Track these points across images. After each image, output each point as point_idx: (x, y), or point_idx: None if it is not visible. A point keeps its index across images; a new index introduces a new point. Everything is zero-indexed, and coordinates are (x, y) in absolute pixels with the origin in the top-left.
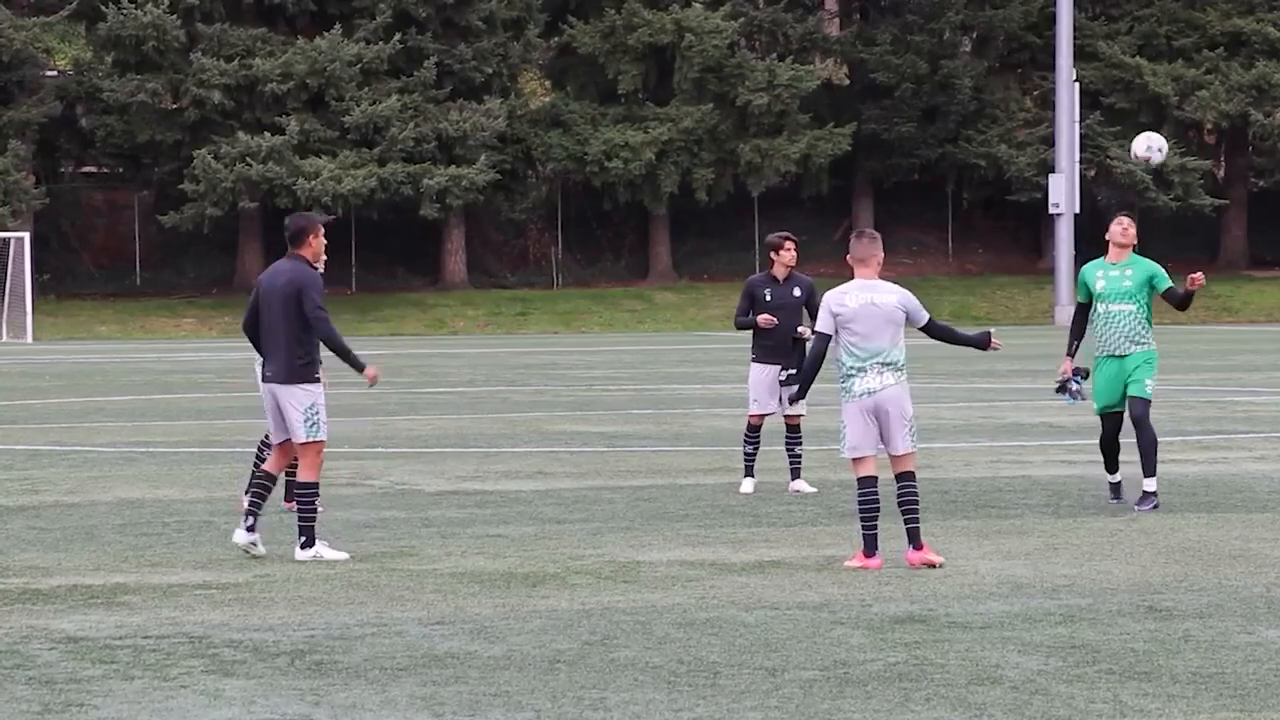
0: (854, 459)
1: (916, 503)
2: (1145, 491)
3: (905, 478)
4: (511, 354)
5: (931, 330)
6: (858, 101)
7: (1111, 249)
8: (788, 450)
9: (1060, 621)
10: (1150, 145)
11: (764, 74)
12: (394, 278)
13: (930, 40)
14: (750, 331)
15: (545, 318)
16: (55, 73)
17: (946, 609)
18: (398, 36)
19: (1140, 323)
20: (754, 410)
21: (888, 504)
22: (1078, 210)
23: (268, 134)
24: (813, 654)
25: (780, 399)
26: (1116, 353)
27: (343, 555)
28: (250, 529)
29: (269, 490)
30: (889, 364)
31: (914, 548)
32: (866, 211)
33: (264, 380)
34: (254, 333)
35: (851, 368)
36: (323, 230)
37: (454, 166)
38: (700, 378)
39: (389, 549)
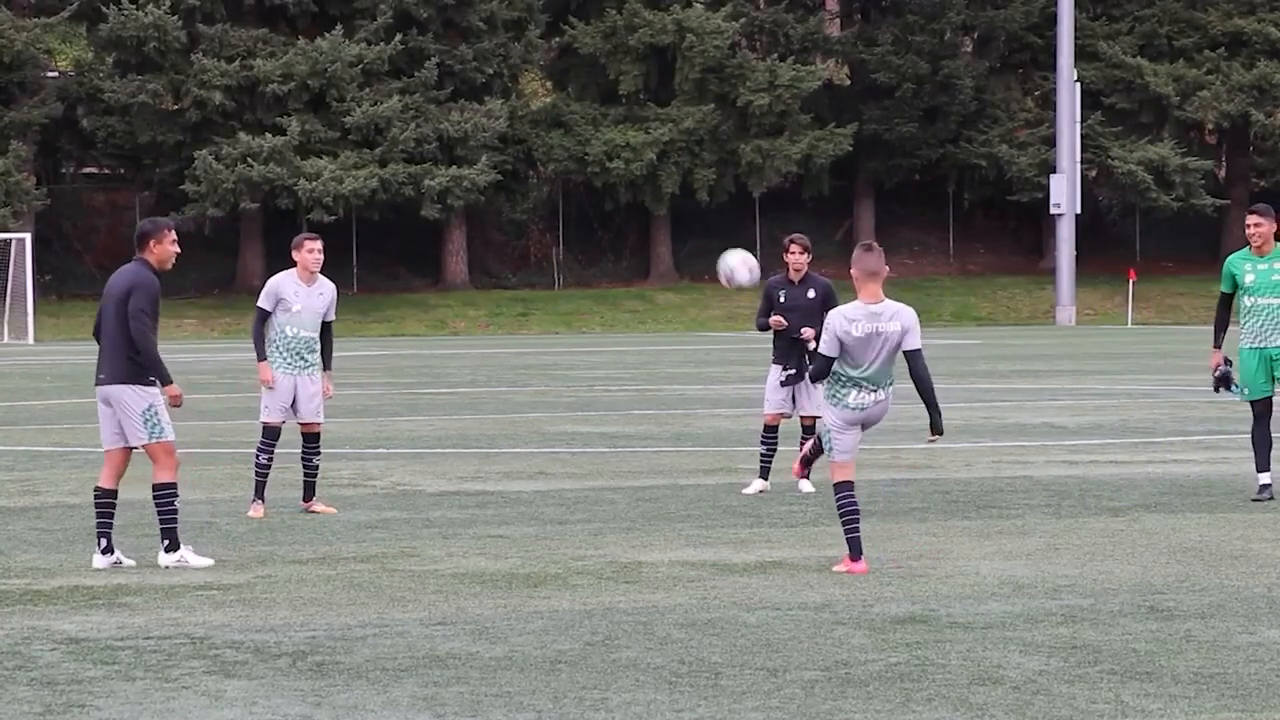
0: (838, 464)
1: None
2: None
3: (847, 486)
4: (513, 354)
5: (914, 363)
6: (859, 102)
7: (1252, 245)
8: (800, 444)
9: (1062, 622)
10: (741, 269)
11: (765, 74)
12: (395, 278)
13: (931, 40)
14: (772, 333)
15: (546, 318)
16: (56, 74)
17: (948, 609)
18: (399, 37)
19: None
20: (767, 410)
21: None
22: (1079, 210)
23: (269, 135)
24: (814, 654)
25: (794, 401)
26: (1261, 344)
27: (208, 561)
28: (107, 551)
29: (113, 508)
30: (884, 382)
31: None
32: (868, 212)
33: (96, 384)
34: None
35: (848, 380)
36: (171, 235)
37: (455, 167)
38: (701, 378)
39: (390, 550)
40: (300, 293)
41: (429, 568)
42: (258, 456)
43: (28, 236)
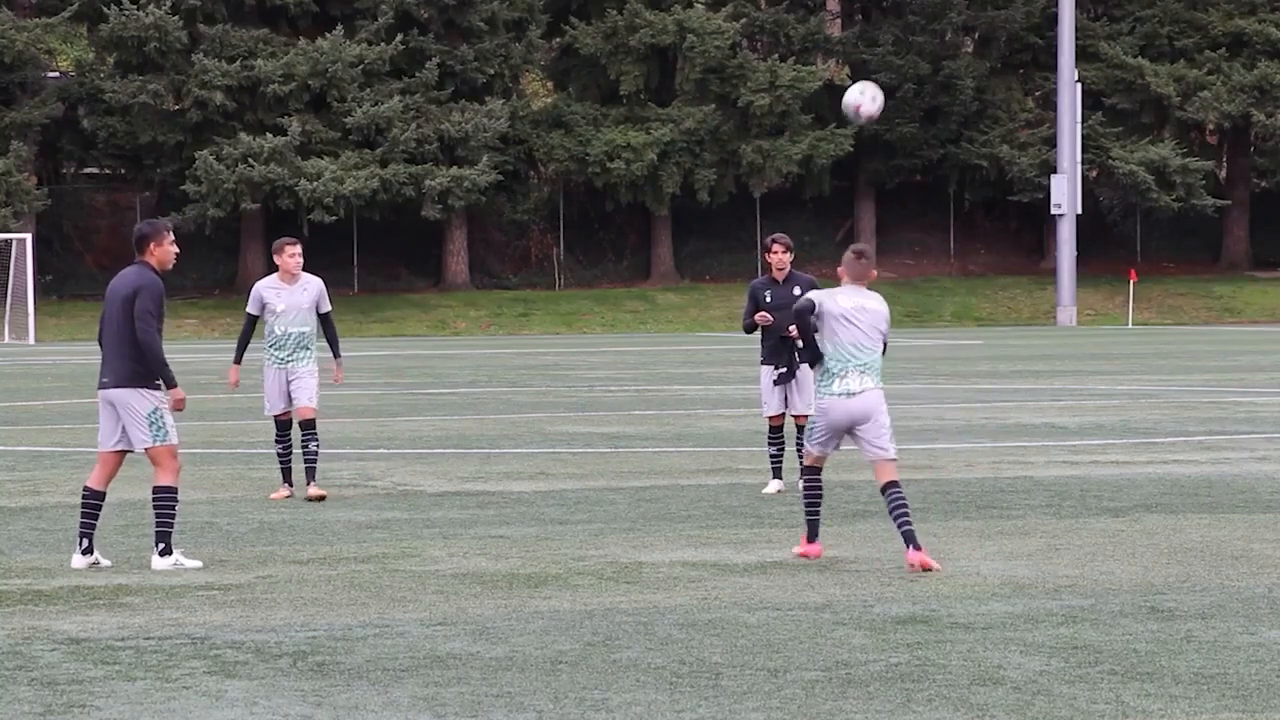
0: (808, 450)
1: (907, 506)
2: None
3: (892, 486)
4: (513, 355)
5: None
6: None
7: None
8: (798, 450)
9: (1062, 622)
10: (863, 96)
11: (766, 75)
12: (396, 279)
13: (932, 41)
14: (759, 334)
15: (547, 319)
16: (57, 74)
17: (948, 610)
18: (399, 37)
19: None
20: (767, 412)
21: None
22: (1080, 211)
23: (270, 135)
24: (815, 655)
25: (786, 400)
26: None
27: (197, 563)
28: (86, 551)
29: (99, 509)
30: (870, 368)
31: (914, 548)
32: (868, 212)
33: (99, 388)
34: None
35: (835, 366)
36: (170, 236)
37: (456, 167)
38: (702, 379)
39: (391, 550)
40: (282, 293)
41: (430, 568)
42: (276, 447)
43: (28, 237)
